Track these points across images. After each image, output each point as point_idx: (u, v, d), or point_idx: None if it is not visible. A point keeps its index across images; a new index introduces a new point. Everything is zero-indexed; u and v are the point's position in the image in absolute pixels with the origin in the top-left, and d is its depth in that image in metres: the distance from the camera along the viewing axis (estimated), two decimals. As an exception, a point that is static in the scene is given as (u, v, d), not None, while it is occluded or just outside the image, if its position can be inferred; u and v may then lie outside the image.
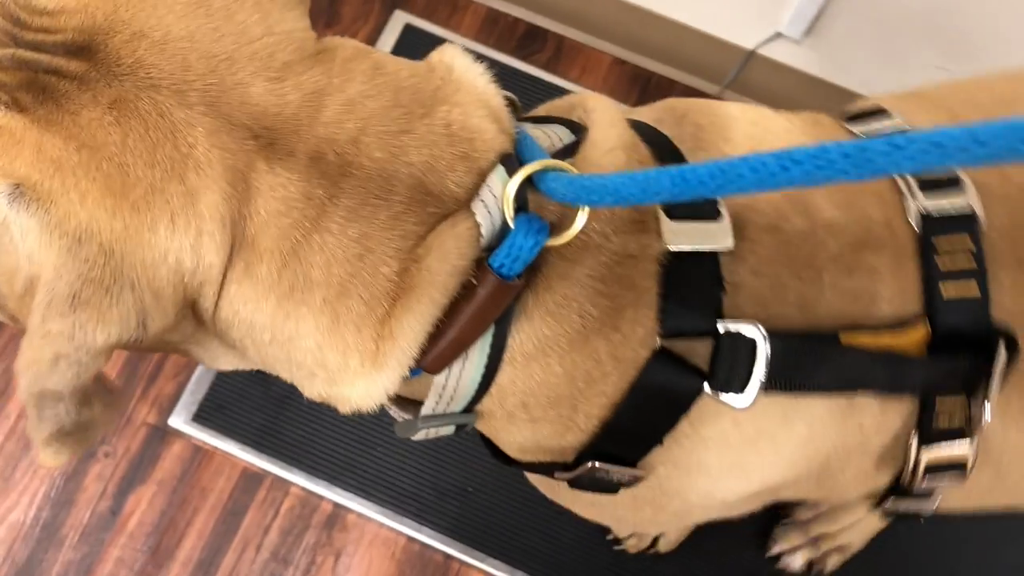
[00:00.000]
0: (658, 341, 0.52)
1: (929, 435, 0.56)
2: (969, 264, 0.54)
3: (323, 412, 1.22)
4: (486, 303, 0.49)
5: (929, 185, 0.56)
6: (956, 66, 1.17)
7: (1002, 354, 0.53)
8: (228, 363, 0.56)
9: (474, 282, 0.48)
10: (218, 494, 1.22)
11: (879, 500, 0.63)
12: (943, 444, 0.56)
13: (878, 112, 0.62)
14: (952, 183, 0.55)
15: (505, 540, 1.19)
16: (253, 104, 0.45)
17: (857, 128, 0.61)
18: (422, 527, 1.19)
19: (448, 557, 1.19)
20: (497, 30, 1.44)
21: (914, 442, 0.57)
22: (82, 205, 0.43)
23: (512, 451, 0.61)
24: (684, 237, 0.52)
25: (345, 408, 0.52)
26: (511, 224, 0.48)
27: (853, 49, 1.22)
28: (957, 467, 0.57)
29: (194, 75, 0.45)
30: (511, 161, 0.50)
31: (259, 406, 1.22)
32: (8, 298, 0.47)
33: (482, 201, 0.49)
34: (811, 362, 0.52)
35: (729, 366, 0.51)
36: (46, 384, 0.44)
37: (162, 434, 1.22)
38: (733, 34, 1.29)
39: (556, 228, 0.49)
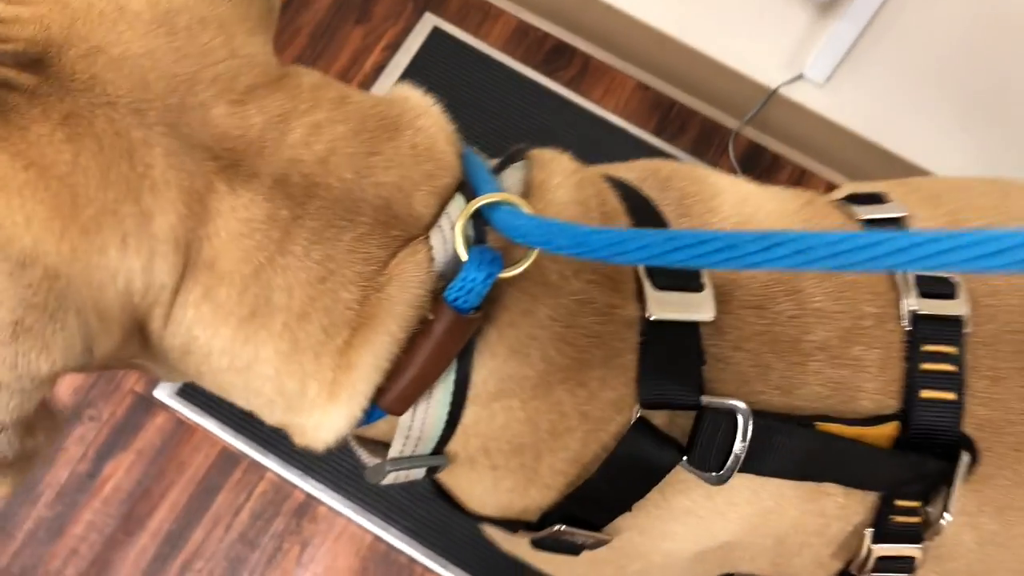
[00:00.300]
0: (637, 410, 0.51)
1: (885, 532, 0.56)
2: (951, 370, 0.54)
3: (306, 401, 1.23)
4: (444, 338, 0.47)
5: (927, 285, 0.55)
6: (972, 125, 1.16)
7: (964, 462, 0.53)
8: (183, 378, 0.54)
9: (430, 316, 0.47)
10: (195, 470, 1.23)
11: None
12: (896, 544, 0.56)
13: (876, 198, 0.61)
14: (947, 287, 0.55)
15: (470, 550, 1.19)
16: (214, 126, 0.44)
17: (859, 210, 0.60)
18: (389, 527, 1.19)
19: (412, 560, 1.20)
20: (525, 43, 1.45)
21: (869, 536, 0.56)
22: (27, 228, 0.40)
23: (472, 503, 0.59)
24: (667, 307, 0.51)
25: (301, 439, 0.51)
26: (463, 257, 0.47)
27: (873, 99, 1.21)
28: (907, 560, 0.57)
29: (153, 94, 0.43)
30: (467, 188, 0.50)
31: (245, 388, 1.23)
32: None
33: (439, 227, 0.48)
34: (788, 447, 0.52)
35: (709, 442, 0.51)
36: None
37: (147, 404, 1.24)
38: (757, 72, 1.29)
39: (510, 259, 0.48)
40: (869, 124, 1.26)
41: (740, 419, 0.50)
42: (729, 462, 0.50)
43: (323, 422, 0.49)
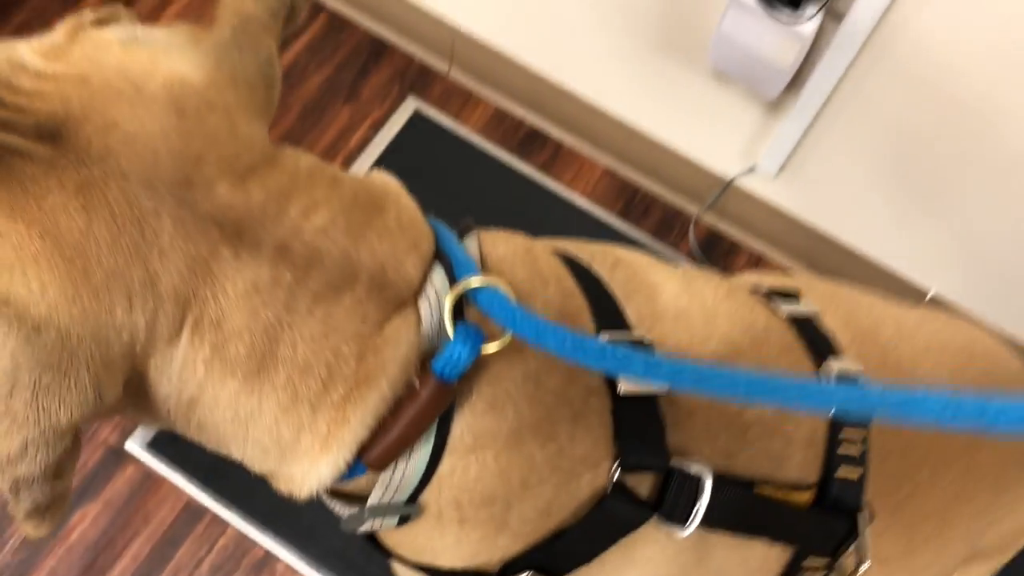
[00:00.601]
0: (615, 473, 0.57)
1: None
2: (858, 453, 0.63)
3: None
4: (429, 404, 0.52)
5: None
6: (915, 216, 1.23)
7: (865, 522, 0.62)
8: (169, 427, 0.57)
9: (416, 384, 0.51)
10: (159, 522, 1.26)
11: None
12: None
13: (793, 295, 0.70)
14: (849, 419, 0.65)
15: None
16: (219, 200, 0.47)
17: (783, 307, 0.68)
18: (344, 585, 1.22)
19: (365, 619, 1.22)
20: (502, 128, 1.53)
21: None
22: (42, 295, 0.43)
23: (427, 555, 0.62)
24: (634, 381, 0.57)
25: (285, 486, 0.54)
26: (450, 334, 0.52)
27: (821, 191, 1.29)
28: None
29: (163, 170, 0.46)
30: (444, 256, 0.55)
31: (213, 444, 1.28)
32: None
33: (426, 295, 0.53)
34: (734, 505, 0.58)
35: (676, 500, 0.57)
36: (17, 472, 0.45)
37: (118, 456, 1.28)
38: (715, 163, 1.37)
39: (487, 331, 0.53)
40: (818, 214, 1.33)
41: (705, 480, 0.56)
42: (694, 516, 0.57)
43: (311, 472, 0.52)
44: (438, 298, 0.53)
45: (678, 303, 0.64)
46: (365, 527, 0.58)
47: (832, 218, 1.33)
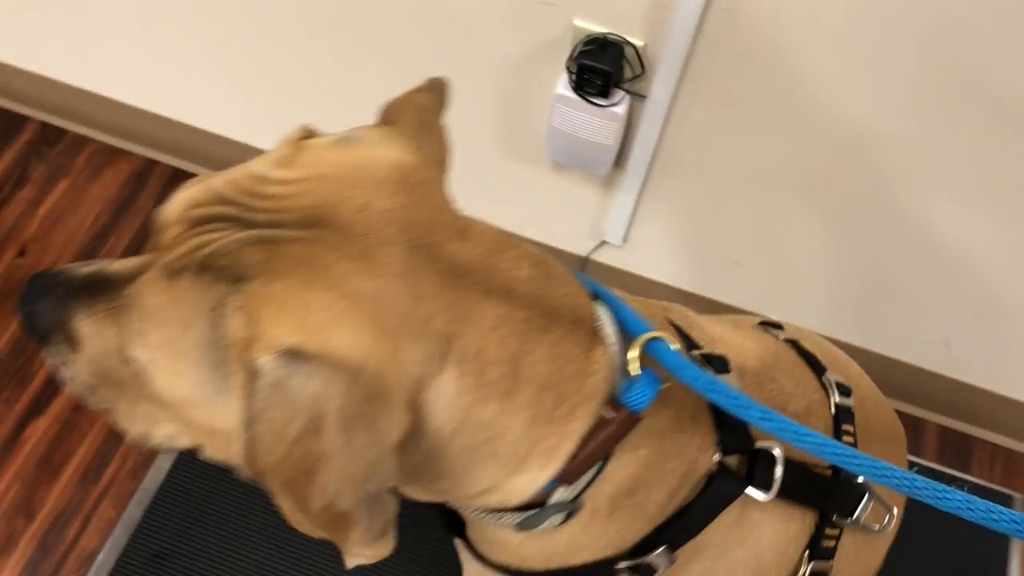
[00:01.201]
0: (718, 457, 0.71)
1: (817, 551, 0.79)
2: (854, 441, 0.81)
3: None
4: (619, 429, 0.64)
5: (842, 388, 0.84)
6: (744, 256, 1.44)
7: (873, 489, 0.78)
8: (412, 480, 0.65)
9: (605, 415, 0.63)
10: None
11: None
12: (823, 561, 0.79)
13: (779, 325, 0.93)
14: (847, 389, 0.84)
15: None
16: (456, 255, 0.58)
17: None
18: None
19: None
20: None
21: (806, 555, 0.79)
22: (356, 345, 0.52)
23: (561, 554, 0.72)
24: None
25: (502, 498, 0.65)
26: (635, 374, 0.64)
27: (664, 248, 1.49)
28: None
29: (414, 234, 0.57)
30: (597, 297, 0.68)
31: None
32: (269, 450, 0.53)
33: (608, 335, 0.65)
34: (797, 476, 0.73)
35: (763, 473, 0.71)
36: (370, 486, 0.53)
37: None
38: (570, 244, 1.55)
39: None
40: (663, 272, 1.53)
41: (777, 455, 0.71)
42: (774, 484, 0.71)
43: (535, 480, 0.64)
44: (613, 337, 0.65)
45: (717, 332, 0.81)
46: (544, 524, 0.68)
47: (675, 272, 1.52)
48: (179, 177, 1.71)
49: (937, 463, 1.56)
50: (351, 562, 0.57)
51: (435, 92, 0.70)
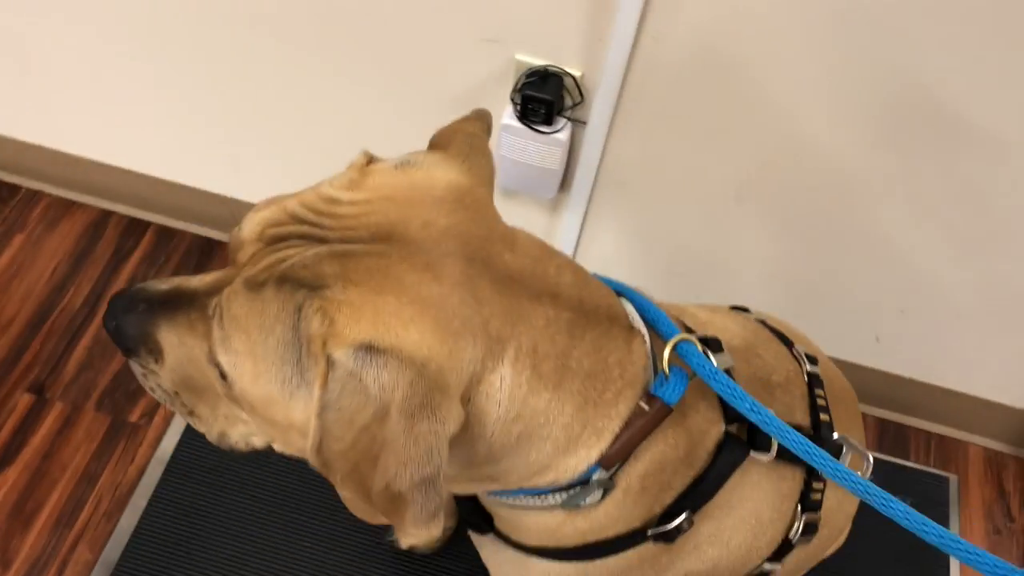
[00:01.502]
0: (723, 427, 0.79)
1: (807, 504, 0.88)
2: (825, 404, 0.90)
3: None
4: (653, 419, 0.72)
5: (811, 358, 0.93)
6: (685, 268, 1.53)
7: (851, 443, 0.86)
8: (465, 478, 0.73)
9: (642, 405, 0.71)
10: None
11: (778, 555, 0.91)
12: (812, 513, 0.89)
13: (745, 309, 1.05)
14: (815, 360, 0.94)
15: None
16: (509, 264, 0.65)
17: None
18: None
19: None
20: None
21: (798, 508, 0.88)
22: (423, 343, 0.58)
23: (598, 528, 0.78)
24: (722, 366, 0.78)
25: (553, 477, 0.71)
26: (667, 375, 0.72)
27: (611, 265, 1.57)
28: (813, 526, 0.90)
29: (472, 247, 0.64)
30: (623, 298, 0.77)
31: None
32: (339, 437, 0.59)
33: (640, 329, 0.74)
34: (787, 440, 0.82)
35: (763, 436, 0.79)
36: (426, 470, 0.58)
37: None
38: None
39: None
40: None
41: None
42: (773, 447, 0.80)
43: (585, 458, 0.71)
44: (644, 331, 0.74)
45: (704, 317, 0.90)
46: (591, 498, 0.75)
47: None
48: (135, 226, 1.75)
49: (878, 452, 1.66)
50: (406, 541, 0.63)
51: (480, 120, 0.78)
